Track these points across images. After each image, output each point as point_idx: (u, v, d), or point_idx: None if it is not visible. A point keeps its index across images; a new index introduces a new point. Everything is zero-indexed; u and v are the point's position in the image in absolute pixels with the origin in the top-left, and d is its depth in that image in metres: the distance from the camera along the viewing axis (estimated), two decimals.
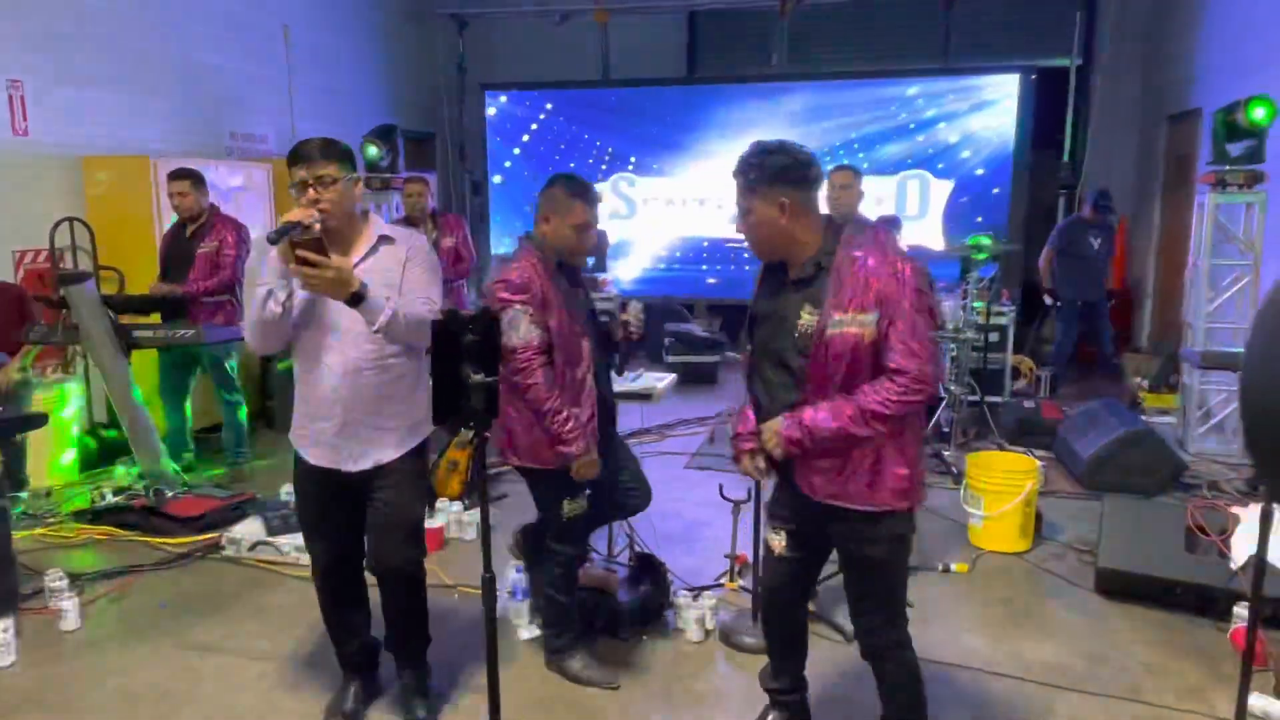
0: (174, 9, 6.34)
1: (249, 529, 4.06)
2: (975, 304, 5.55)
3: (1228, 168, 5.16)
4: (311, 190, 2.35)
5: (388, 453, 2.55)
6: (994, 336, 6.04)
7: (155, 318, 4.85)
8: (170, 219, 5.28)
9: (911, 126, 8.33)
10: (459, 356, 1.71)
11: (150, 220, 5.48)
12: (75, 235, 5.48)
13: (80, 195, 5.57)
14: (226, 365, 5.04)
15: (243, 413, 5.21)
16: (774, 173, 2.15)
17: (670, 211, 9.05)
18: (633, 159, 9.03)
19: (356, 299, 2.26)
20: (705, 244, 9.00)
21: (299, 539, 3.90)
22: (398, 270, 2.47)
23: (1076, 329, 7.08)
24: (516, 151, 9.29)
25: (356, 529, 2.66)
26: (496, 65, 9.94)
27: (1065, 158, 8.35)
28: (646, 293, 8.79)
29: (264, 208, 6.37)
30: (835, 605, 3.52)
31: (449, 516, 4.29)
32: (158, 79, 6.21)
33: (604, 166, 9.05)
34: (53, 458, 4.93)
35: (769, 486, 2.60)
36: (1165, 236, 8.02)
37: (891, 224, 5.54)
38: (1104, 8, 8.59)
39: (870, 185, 5.74)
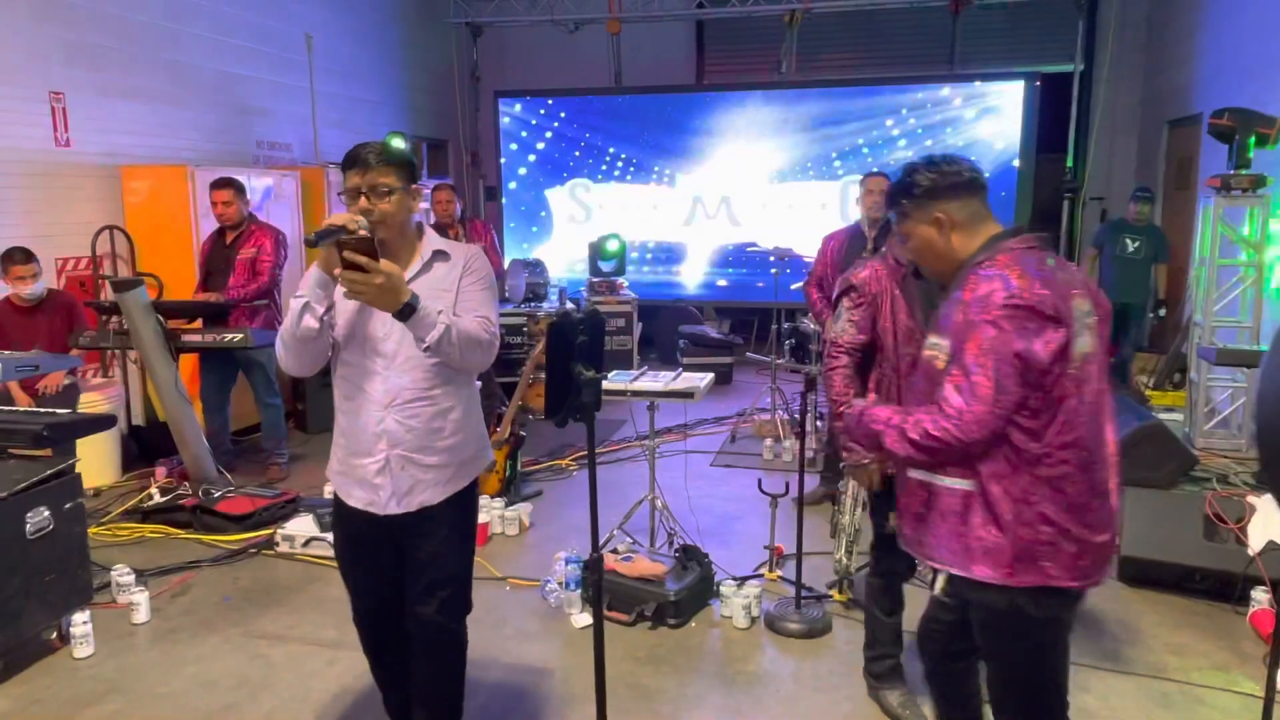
0: (204, 22, 6.48)
1: (301, 526, 4.20)
2: None
3: (1233, 172, 5.35)
4: (364, 200, 2.12)
5: (434, 494, 2.27)
6: None
7: (197, 322, 4.99)
8: (206, 226, 5.44)
9: (919, 131, 8.53)
10: (571, 355, 1.86)
11: (188, 227, 5.62)
12: (115, 243, 5.62)
13: (119, 204, 5.71)
14: (267, 369, 5.18)
15: (282, 415, 5.35)
16: (924, 191, 1.97)
17: (675, 216, 9.22)
18: (645, 165, 9.19)
19: (407, 311, 2.00)
20: (723, 248, 9.17)
21: None
22: (453, 288, 2.23)
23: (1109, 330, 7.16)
24: (531, 158, 9.45)
25: (397, 570, 2.35)
26: (509, 73, 10.12)
27: (1068, 162, 8.55)
28: (656, 296, 8.97)
29: (292, 215, 6.51)
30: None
31: (491, 513, 4.44)
32: (190, 90, 6.36)
33: (615, 172, 9.22)
34: (95, 458, 5.05)
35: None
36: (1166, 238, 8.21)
37: None
38: (1105, 14, 8.80)
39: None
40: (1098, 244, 7.23)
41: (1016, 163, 8.26)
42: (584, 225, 9.23)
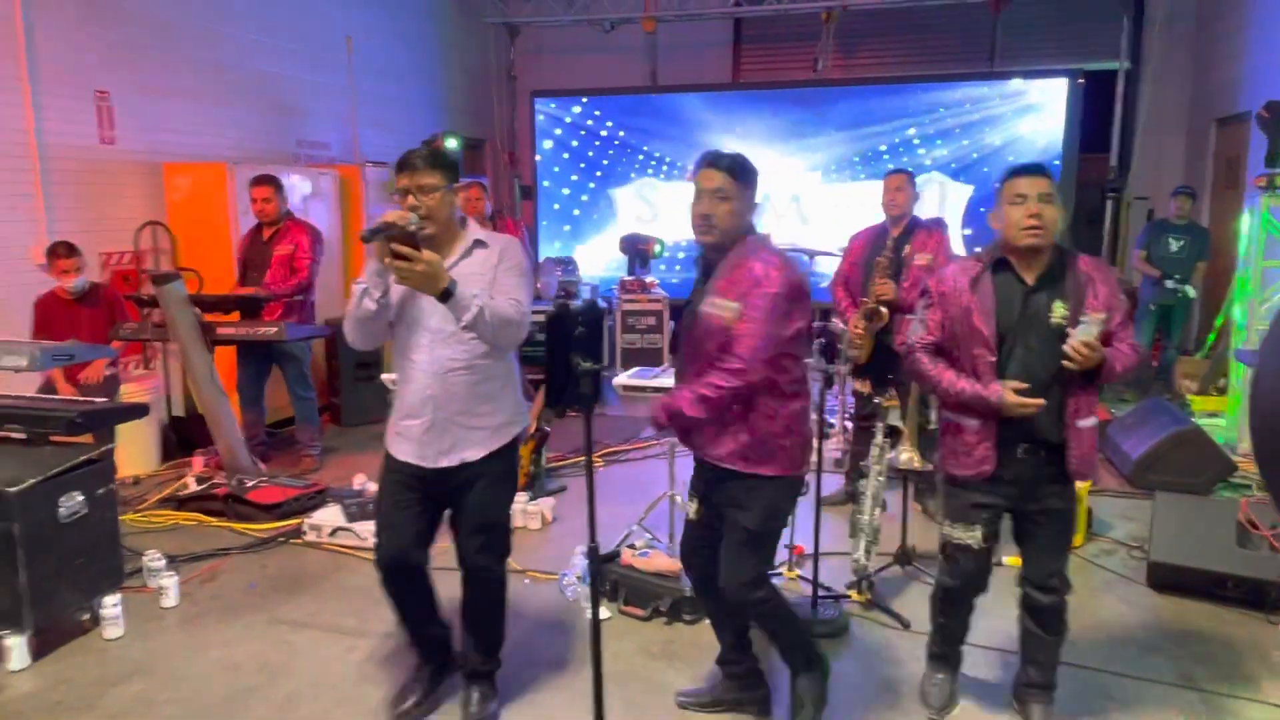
0: (245, 22, 6.64)
1: (329, 516, 4.28)
2: None
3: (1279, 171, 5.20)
4: (411, 198, 2.49)
5: (474, 451, 2.62)
6: None
7: (233, 316, 5.11)
8: (245, 222, 5.57)
9: (957, 130, 8.41)
10: (569, 347, 1.88)
11: (227, 224, 5.75)
12: (157, 238, 5.78)
13: (161, 200, 5.87)
14: (301, 363, 5.28)
15: (315, 408, 5.45)
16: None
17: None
18: (679, 163, 9.19)
19: (446, 295, 2.34)
20: None
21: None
22: (490, 273, 2.56)
23: (1150, 331, 7.03)
24: (566, 156, 9.50)
25: (427, 528, 2.71)
26: (545, 72, 10.18)
27: (1113, 161, 8.37)
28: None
29: (330, 213, 6.63)
30: (892, 595, 3.67)
31: (514, 507, 4.47)
32: (231, 89, 6.51)
33: (649, 171, 9.23)
34: (134, 448, 5.20)
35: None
36: (1213, 239, 8.00)
37: (939, 225, 5.63)
38: (1152, 11, 8.59)
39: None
40: (1143, 245, 7.07)
41: (1057, 162, 8.10)
42: (652, 224, 9.20)
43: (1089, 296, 2.47)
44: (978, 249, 3.08)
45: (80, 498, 3.30)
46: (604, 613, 3.53)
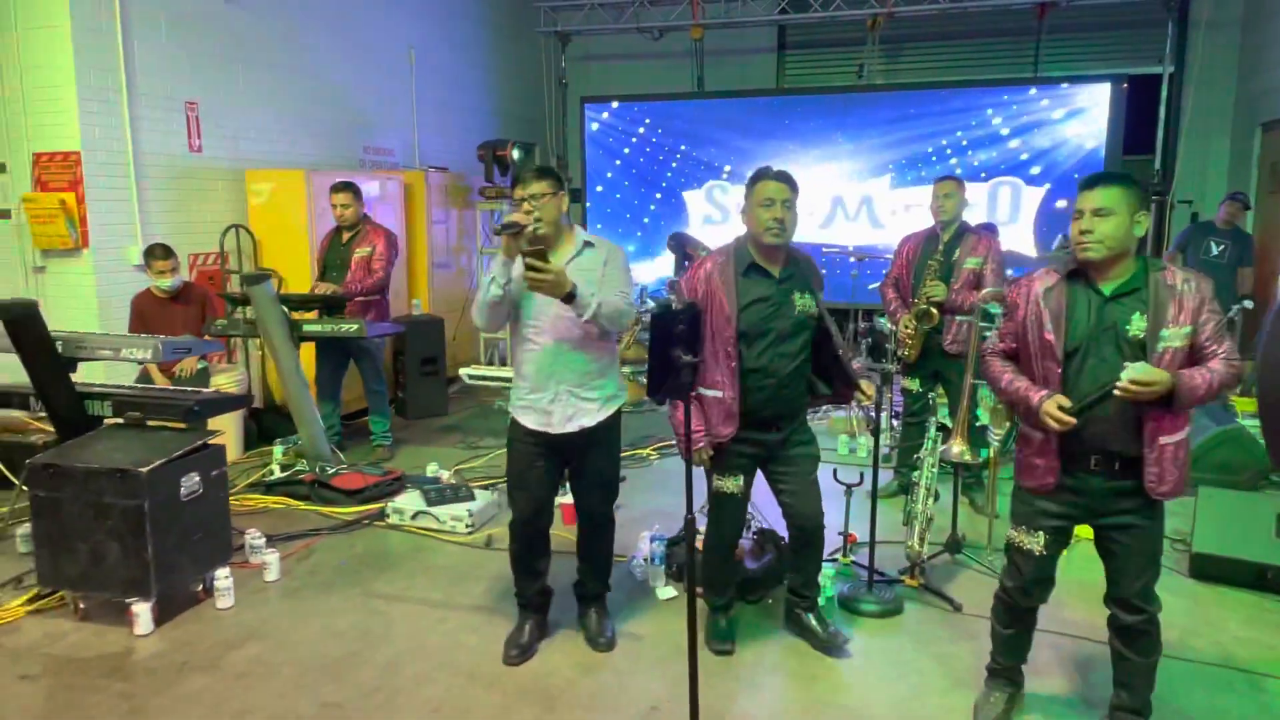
0: (317, 34, 6.99)
1: (410, 500, 4.58)
2: None
3: None
4: (526, 205, 2.92)
5: (590, 419, 3.08)
6: None
7: (312, 313, 5.43)
8: (320, 225, 5.90)
9: (1003, 134, 8.55)
10: (670, 342, 2.13)
11: (304, 226, 6.10)
12: (240, 240, 6.14)
13: (244, 204, 6.23)
14: (375, 358, 5.60)
15: (387, 401, 5.77)
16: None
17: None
18: (726, 168, 9.42)
19: (569, 297, 2.78)
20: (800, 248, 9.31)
21: (453, 509, 4.45)
22: (599, 270, 3.00)
23: None
24: (617, 162, 9.77)
25: (553, 484, 3.19)
26: (594, 78, 10.48)
27: (1157, 164, 8.46)
28: None
29: (396, 216, 6.96)
30: (944, 580, 3.88)
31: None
32: (306, 99, 6.87)
33: (698, 175, 9.46)
34: (222, 436, 5.54)
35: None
36: (1259, 243, 8.06)
37: (989, 230, 5.81)
38: (1196, 15, 8.67)
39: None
40: (1181, 246, 7.18)
41: (1100, 167, 8.21)
42: (721, 227, 9.42)
43: (1172, 309, 2.41)
44: (1060, 237, 3.27)
45: (198, 478, 3.63)
46: (671, 592, 3.80)
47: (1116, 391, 2.36)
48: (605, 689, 3.09)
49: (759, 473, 3.28)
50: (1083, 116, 8.29)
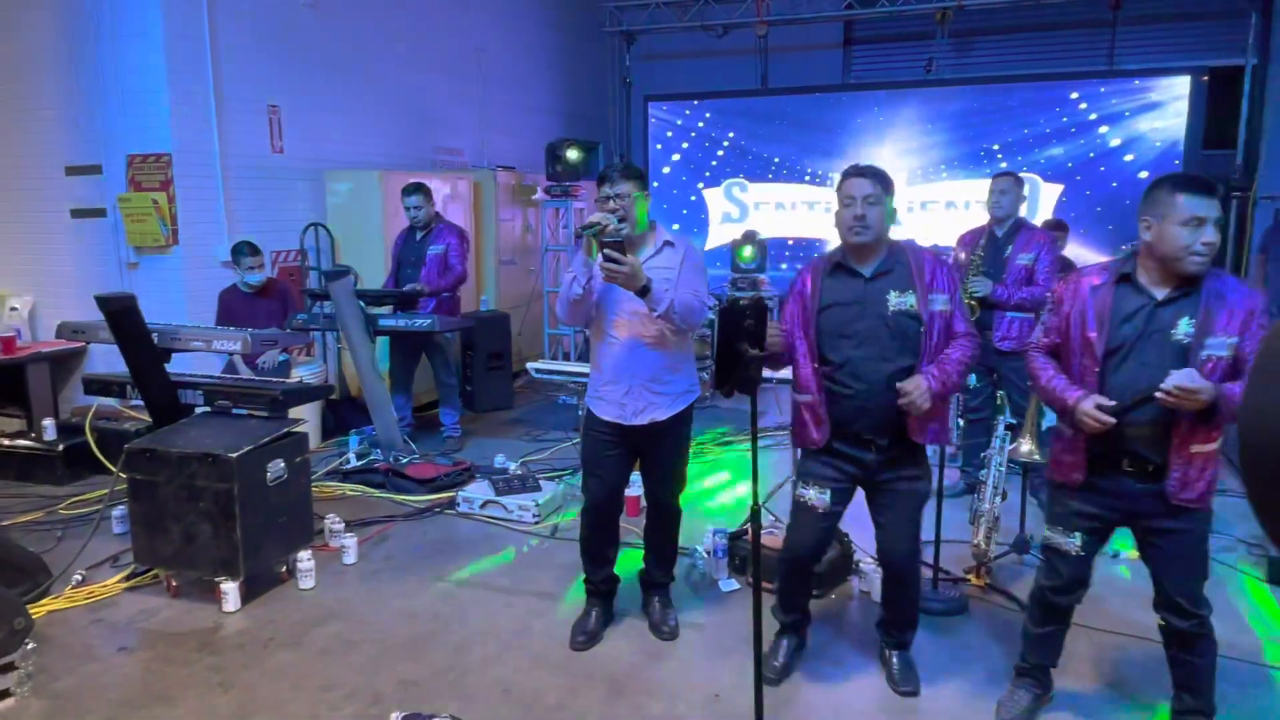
0: (389, 36, 7.21)
1: (479, 490, 4.73)
2: None
3: None
4: (611, 203, 3.00)
5: (662, 413, 3.16)
6: None
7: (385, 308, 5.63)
8: (393, 224, 6.09)
9: (1072, 131, 8.36)
10: (738, 337, 2.19)
11: (378, 225, 6.30)
12: (318, 238, 6.38)
13: (322, 203, 6.47)
14: (446, 352, 5.77)
15: (457, 393, 5.94)
16: None
17: (821, 216, 9.35)
18: (788, 165, 9.40)
19: (644, 291, 2.87)
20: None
21: (522, 499, 4.57)
22: (676, 268, 3.08)
23: None
24: (676, 158, 9.83)
25: (625, 473, 3.30)
26: (657, 76, 10.55)
27: (1238, 159, 8.19)
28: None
29: (466, 214, 7.14)
30: (1010, 581, 3.87)
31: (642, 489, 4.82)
32: (381, 101, 7.10)
33: (758, 171, 9.46)
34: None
35: None
36: None
37: (1059, 227, 5.72)
38: None
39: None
40: (1263, 247, 6.95)
41: (1177, 162, 7.97)
42: (739, 223, 9.48)
43: (1222, 318, 2.37)
44: (1124, 246, 3.13)
45: (282, 464, 3.81)
46: (734, 584, 3.86)
47: (1158, 396, 2.33)
48: (669, 676, 3.17)
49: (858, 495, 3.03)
50: (1159, 111, 8.07)
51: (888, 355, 2.78)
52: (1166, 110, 8.05)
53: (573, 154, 7.21)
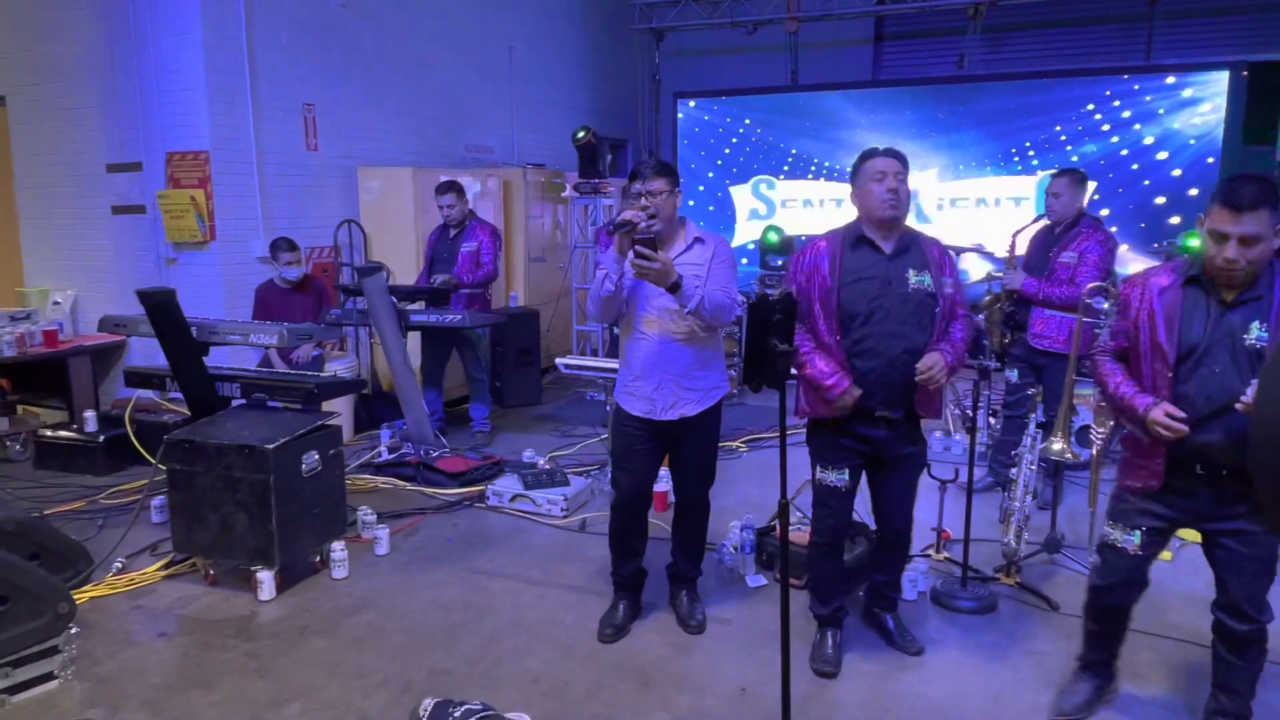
0: (421, 35, 7.28)
1: (509, 484, 4.78)
2: None
3: None
4: (644, 199, 3.02)
5: (691, 408, 3.18)
6: None
7: (417, 304, 5.69)
8: (424, 220, 6.16)
9: (1105, 128, 8.26)
10: (767, 331, 2.20)
11: (410, 222, 6.38)
12: (351, 234, 6.46)
13: (355, 200, 6.56)
14: (477, 347, 5.83)
15: (487, 389, 6.00)
16: None
17: (849, 212, 9.30)
18: (818, 161, 9.37)
19: (674, 287, 2.90)
20: None
21: (550, 494, 4.61)
22: (706, 265, 3.10)
23: None
24: (703, 154, 9.83)
25: (655, 467, 3.33)
26: (686, 73, 10.55)
27: (1278, 156, 8.04)
28: None
29: (496, 211, 7.20)
30: (1041, 580, 3.84)
31: (670, 484, 4.85)
32: (413, 99, 7.18)
33: (785, 168, 9.44)
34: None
35: None
36: None
37: (1096, 225, 5.65)
38: None
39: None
40: None
41: (1211, 159, 7.84)
42: (766, 220, 9.47)
43: None
44: (1156, 245, 3.11)
45: (317, 456, 3.87)
46: (761, 579, 3.87)
47: (1239, 407, 2.27)
48: (696, 669, 3.19)
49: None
50: (1196, 107, 7.94)
51: (906, 331, 2.88)
52: (1201, 107, 7.93)
53: (580, 135, 7.19)
